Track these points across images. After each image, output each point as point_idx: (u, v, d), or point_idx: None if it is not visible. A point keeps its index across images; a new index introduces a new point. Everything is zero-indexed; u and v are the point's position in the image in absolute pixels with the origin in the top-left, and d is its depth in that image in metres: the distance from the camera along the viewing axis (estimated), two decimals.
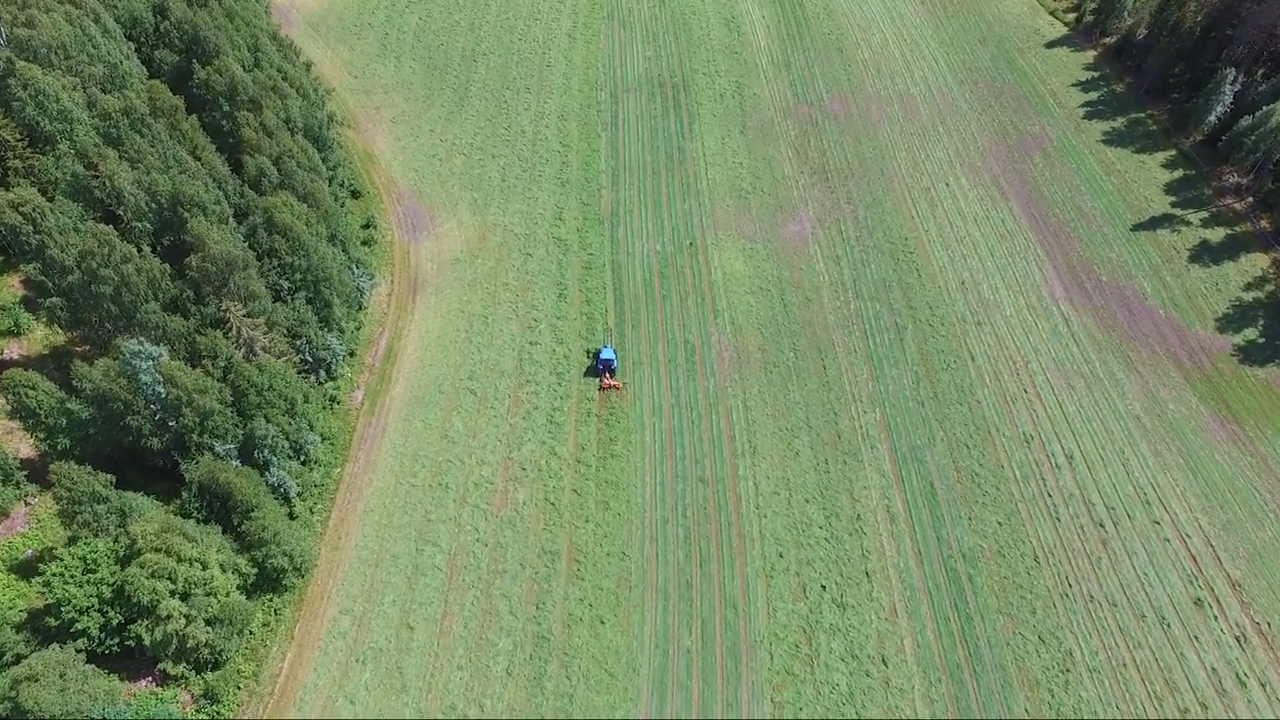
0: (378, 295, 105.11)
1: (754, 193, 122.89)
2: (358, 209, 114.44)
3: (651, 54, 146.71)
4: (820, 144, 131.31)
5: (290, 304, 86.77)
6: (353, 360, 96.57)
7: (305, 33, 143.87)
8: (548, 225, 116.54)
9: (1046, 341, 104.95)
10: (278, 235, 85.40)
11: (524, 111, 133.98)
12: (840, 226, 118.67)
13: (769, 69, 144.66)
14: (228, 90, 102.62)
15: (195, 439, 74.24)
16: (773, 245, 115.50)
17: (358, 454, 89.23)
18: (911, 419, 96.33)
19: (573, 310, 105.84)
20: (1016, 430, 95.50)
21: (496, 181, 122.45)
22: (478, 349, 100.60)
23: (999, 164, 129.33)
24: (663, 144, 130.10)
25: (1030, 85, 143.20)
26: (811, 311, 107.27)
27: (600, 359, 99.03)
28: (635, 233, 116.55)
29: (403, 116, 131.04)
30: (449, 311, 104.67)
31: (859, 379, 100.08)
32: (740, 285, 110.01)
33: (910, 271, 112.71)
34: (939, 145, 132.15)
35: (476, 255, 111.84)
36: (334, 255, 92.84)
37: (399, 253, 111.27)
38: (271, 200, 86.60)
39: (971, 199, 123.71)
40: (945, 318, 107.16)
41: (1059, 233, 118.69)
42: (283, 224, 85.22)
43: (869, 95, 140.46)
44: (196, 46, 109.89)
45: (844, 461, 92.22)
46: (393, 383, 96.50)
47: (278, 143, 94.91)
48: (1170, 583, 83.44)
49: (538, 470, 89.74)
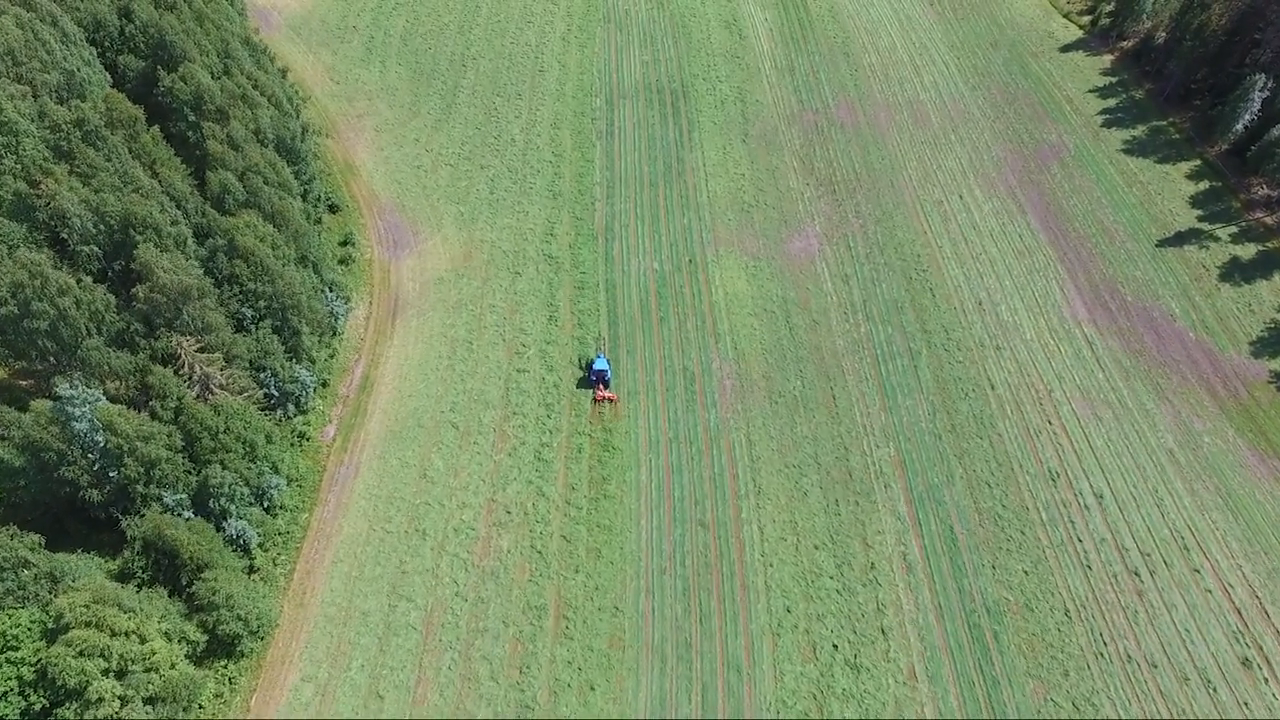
0: (354, 319, 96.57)
1: (757, 206, 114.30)
2: (336, 224, 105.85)
3: (649, 58, 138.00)
4: (827, 153, 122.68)
5: (254, 334, 78.25)
6: (325, 391, 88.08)
7: (286, 36, 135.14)
8: (538, 241, 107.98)
9: (1070, 368, 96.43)
10: (239, 260, 76.83)
11: (515, 119, 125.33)
12: (849, 242, 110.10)
13: (772, 74, 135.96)
14: (193, 99, 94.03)
15: (140, 490, 65.86)
16: (777, 263, 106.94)
17: (328, 497, 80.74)
18: (928, 455, 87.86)
19: (563, 334, 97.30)
20: (1041, 467, 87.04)
21: (484, 194, 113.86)
22: (461, 378, 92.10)
23: (1014, 174, 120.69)
24: (660, 154, 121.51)
25: (1045, 91, 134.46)
26: (819, 335, 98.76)
27: (593, 370, 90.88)
28: (631, 249, 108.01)
29: (386, 125, 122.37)
30: (431, 336, 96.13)
31: (871, 410, 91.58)
32: (743, 306, 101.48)
33: (924, 291, 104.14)
34: (951, 155, 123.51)
35: (462, 274, 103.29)
36: (304, 279, 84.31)
37: (379, 272, 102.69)
38: (233, 222, 78.02)
39: (986, 212, 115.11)
40: (962, 342, 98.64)
41: (1080, 248, 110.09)
42: (245, 248, 76.67)
43: (877, 102, 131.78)
44: (163, 52, 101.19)
45: (856, 503, 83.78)
46: (368, 416, 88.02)
47: (244, 156, 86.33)
48: (1214, 640, 75.03)
49: (524, 514, 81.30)
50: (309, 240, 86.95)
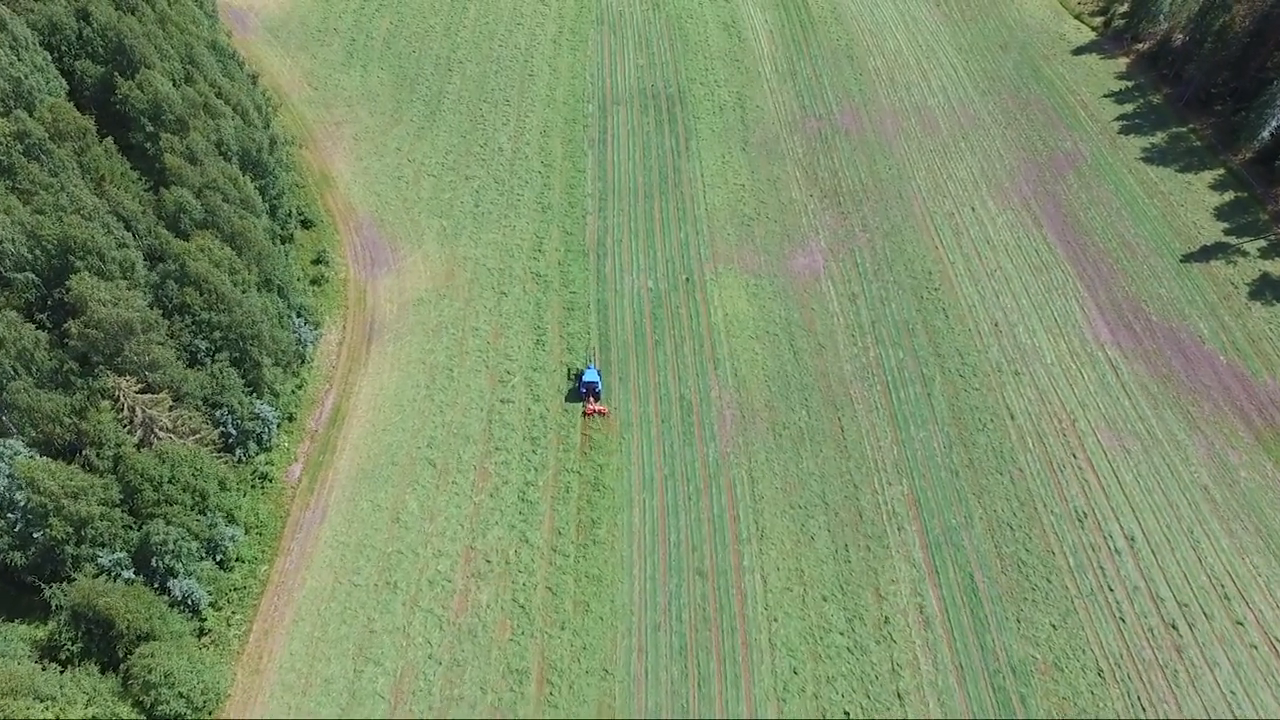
0: (326, 344, 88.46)
1: (758, 219, 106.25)
2: (309, 241, 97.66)
3: (644, 62, 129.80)
4: (831, 162, 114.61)
5: (208, 369, 70.19)
6: (291, 426, 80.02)
7: (263, 39, 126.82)
8: (525, 258, 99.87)
9: (1094, 394, 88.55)
10: (191, 288, 68.75)
11: (502, 127, 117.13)
12: (856, 258, 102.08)
13: (773, 78, 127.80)
14: (151, 108, 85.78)
15: (70, 551, 57.92)
16: (780, 281, 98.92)
17: (290, 545, 72.70)
18: (944, 493, 79.99)
19: (551, 359, 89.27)
20: (1067, 506, 79.19)
21: (469, 207, 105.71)
22: (440, 409, 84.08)
23: (1029, 184, 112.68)
24: (656, 163, 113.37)
25: (1058, 96, 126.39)
26: (825, 360, 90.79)
27: (583, 381, 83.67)
28: (624, 266, 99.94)
29: (366, 133, 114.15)
30: (408, 363, 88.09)
31: (882, 444, 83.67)
32: (744, 329, 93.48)
33: (936, 311, 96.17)
34: (962, 164, 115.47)
35: (443, 295, 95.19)
36: (268, 305, 76.22)
37: (354, 293, 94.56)
38: (183, 246, 69.85)
39: (1000, 225, 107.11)
40: (978, 367, 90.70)
41: (1100, 264, 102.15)
42: (197, 274, 68.53)
43: (883, 107, 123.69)
44: (121, 57, 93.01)
45: (867, 548, 75.90)
46: (338, 453, 79.96)
47: (203, 172, 78.20)
48: (1264, 703, 67.20)
49: (505, 563, 73.35)
50: (274, 262, 78.79)
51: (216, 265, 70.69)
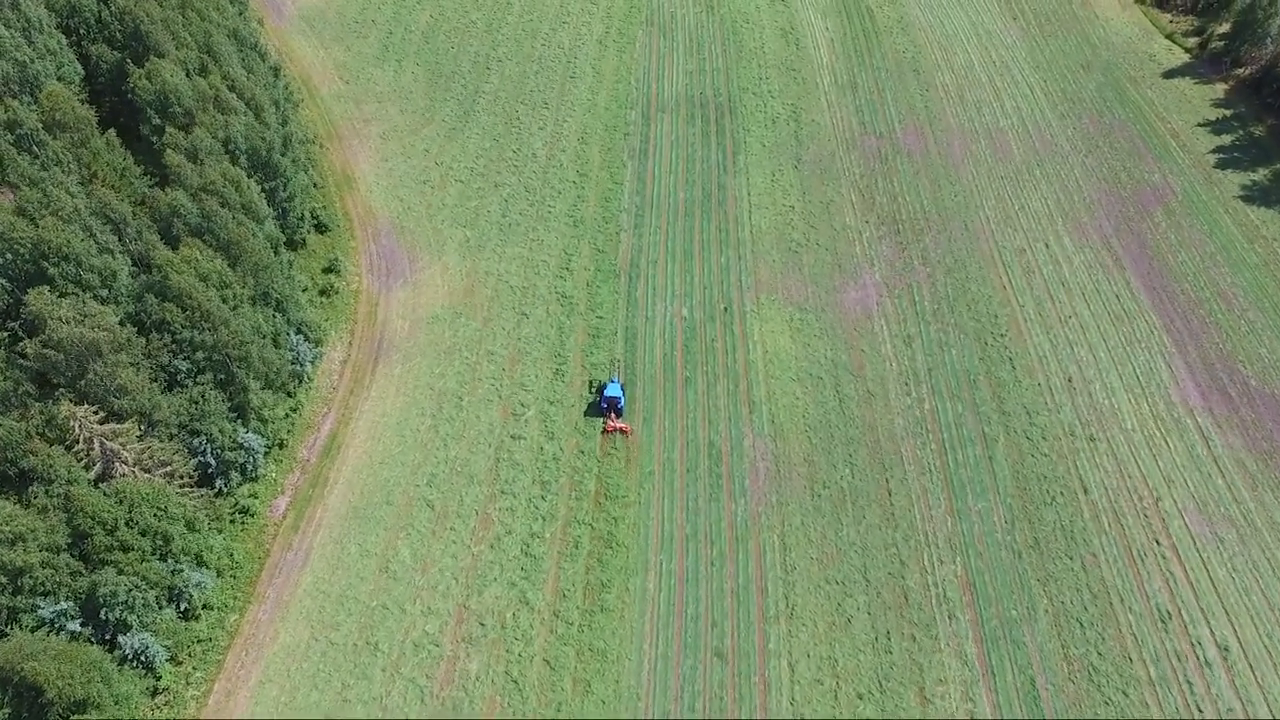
0: (329, 362, 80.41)
1: (807, 246, 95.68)
2: (322, 247, 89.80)
3: (694, 68, 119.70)
4: (890, 186, 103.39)
5: (188, 391, 62.41)
6: (282, 454, 72.04)
7: (297, 28, 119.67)
8: (551, 277, 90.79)
9: (1182, 469, 76.51)
10: (171, 304, 60.98)
11: (538, 131, 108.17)
12: (913, 295, 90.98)
13: (831, 90, 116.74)
14: (157, 100, 78.60)
15: (4, 602, 50.48)
16: (828, 316, 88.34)
17: (266, 591, 64.66)
18: (1004, 577, 68.97)
19: (570, 393, 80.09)
20: (1148, 603, 67.62)
21: (496, 217, 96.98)
22: (445, 442, 75.46)
23: (1110, 221, 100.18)
24: (700, 178, 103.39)
25: (1146, 123, 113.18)
26: (874, 411, 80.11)
27: (605, 396, 75.70)
28: (657, 291, 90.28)
29: (395, 132, 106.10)
30: (416, 388, 79.65)
31: (935, 513, 72.88)
32: (785, 369, 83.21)
33: (1001, 361, 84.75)
34: (1036, 194, 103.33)
35: (460, 313, 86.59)
36: (261, 322, 68.27)
37: (365, 306, 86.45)
38: (166, 257, 62.09)
39: (1077, 265, 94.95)
40: (1047, 429, 79.20)
41: (1190, 316, 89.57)
42: (179, 289, 60.70)
43: (950, 128, 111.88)
44: (137, 43, 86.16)
45: (913, 637, 65.35)
46: (330, 487, 71.77)
47: (202, 172, 70.54)
48: None
49: (501, 627, 64.39)
50: (273, 274, 70.80)
51: (203, 278, 62.83)
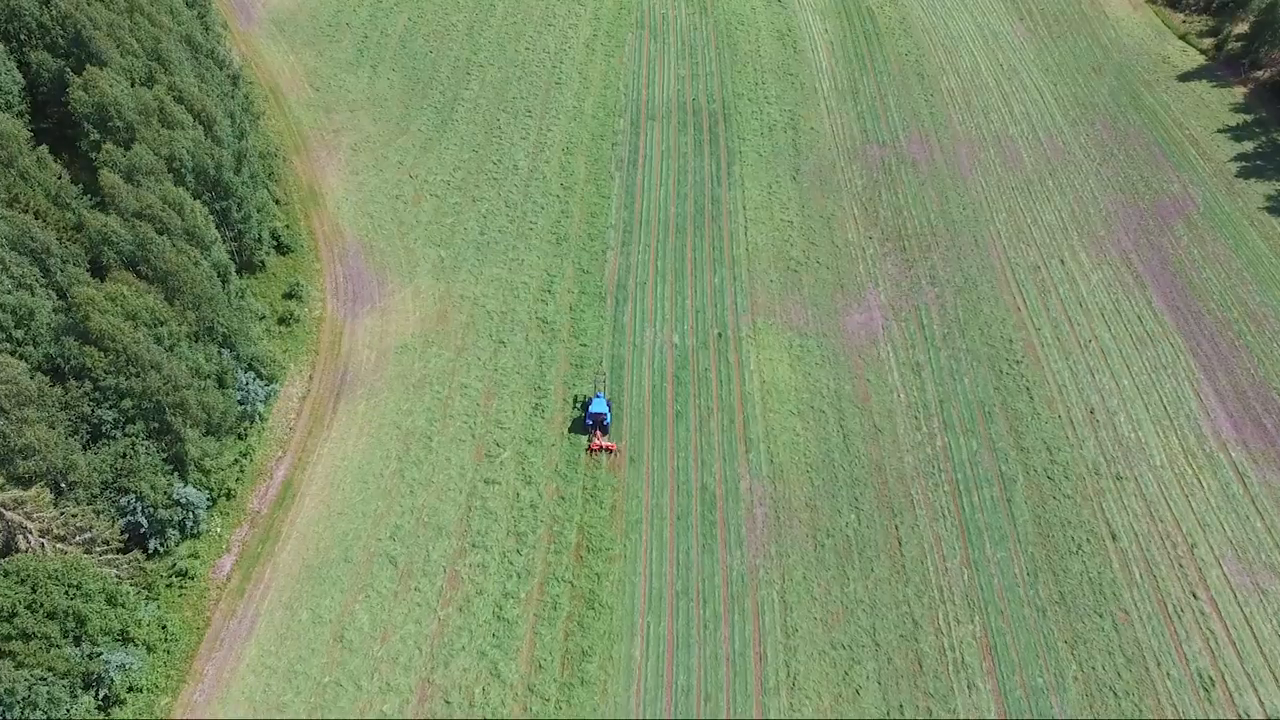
0: (287, 399, 72.74)
1: (807, 264, 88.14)
2: (283, 270, 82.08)
3: (686, 73, 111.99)
4: (895, 198, 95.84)
5: (114, 445, 54.80)
6: (230, 505, 64.40)
7: (267, 32, 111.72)
8: (532, 301, 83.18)
9: (1217, 511, 69.16)
10: (91, 347, 53.41)
11: (520, 141, 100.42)
12: (921, 318, 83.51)
13: (831, 96, 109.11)
14: (95, 113, 70.83)
15: None
16: (830, 342, 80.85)
17: (204, 668, 57.08)
18: (1027, 639, 61.60)
19: (551, 431, 72.51)
20: (1187, 668, 60.30)
21: (473, 235, 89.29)
22: (411, 489, 67.87)
23: (1129, 235, 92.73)
24: (692, 191, 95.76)
25: (1163, 129, 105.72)
26: (881, 448, 72.65)
27: (590, 412, 69.23)
28: (646, 315, 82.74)
29: (367, 142, 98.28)
30: (380, 427, 72.03)
31: (949, 565, 65.47)
32: (784, 401, 75.72)
33: (1018, 391, 77.32)
34: (1049, 206, 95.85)
35: (431, 341, 78.97)
36: (203, 361, 60.63)
37: (328, 335, 78.78)
38: (86, 294, 54.44)
39: (1095, 283, 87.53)
40: (1070, 467, 71.81)
41: (1218, 339, 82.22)
42: (100, 331, 53.14)
43: (956, 135, 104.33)
44: (79, 50, 78.41)
45: (928, 709, 57.96)
46: (282, 541, 64.17)
47: (139, 195, 62.78)
48: None
49: (469, 705, 56.86)
50: (217, 307, 63.10)
51: (131, 316, 55.20)
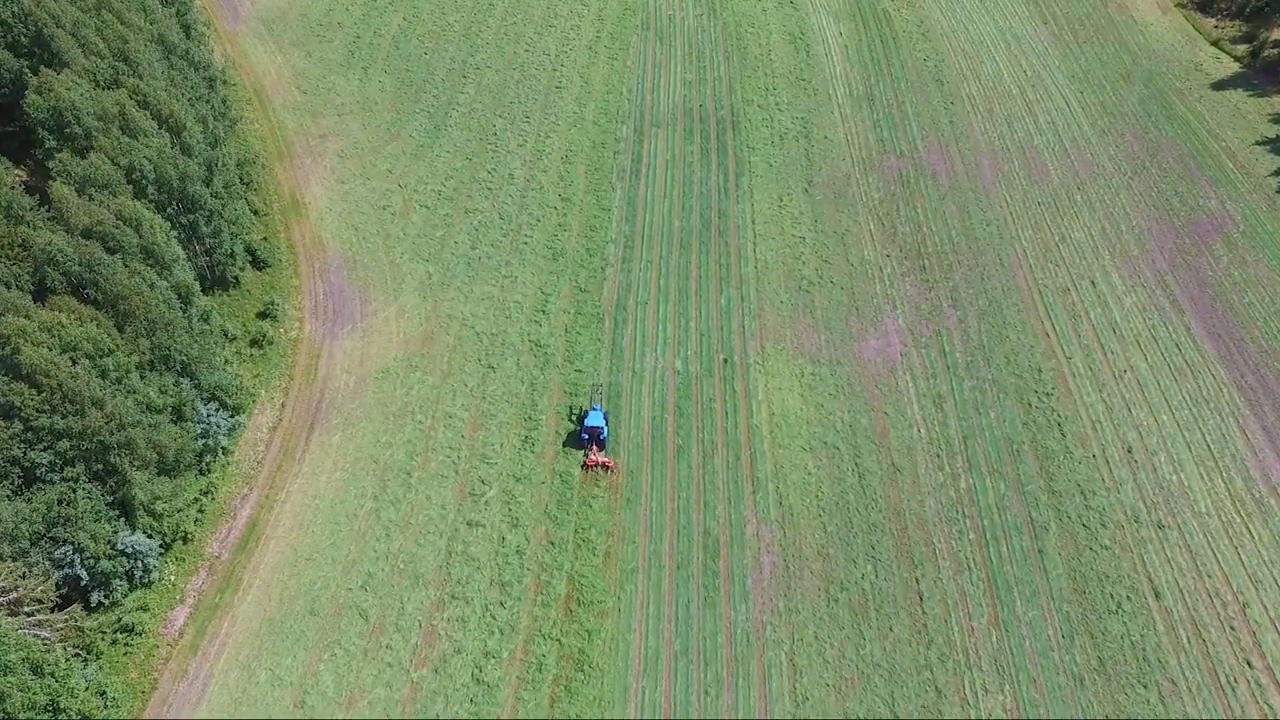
0: (256, 429, 66.53)
1: (819, 284, 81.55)
2: (258, 286, 75.92)
3: (693, 77, 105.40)
4: (913, 213, 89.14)
5: (47, 491, 48.75)
6: (187, 549, 58.21)
7: (254, 31, 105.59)
8: (524, 321, 76.84)
9: (1270, 565, 62.29)
10: (22, 384, 47.36)
11: (517, 149, 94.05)
12: (943, 344, 76.85)
13: (846, 103, 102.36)
14: (51, 118, 64.79)
15: None
16: (844, 370, 74.25)
17: None
18: (1063, 711, 54.87)
19: (541, 468, 66.12)
20: None
21: (464, 249, 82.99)
22: (386, 532, 61.60)
23: (1164, 255, 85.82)
24: (698, 204, 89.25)
25: (1198, 141, 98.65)
26: (900, 490, 66.06)
27: (585, 425, 63.82)
28: (647, 339, 76.32)
29: (355, 149, 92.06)
30: (356, 460, 65.77)
31: (975, 624, 58.86)
32: (795, 435, 69.19)
33: (1049, 427, 70.59)
34: (1077, 222, 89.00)
35: (415, 365, 72.70)
36: (155, 395, 54.50)
37: (305, 357, 72.58)
38: (16, 325, 48.41)
39: (1129, 307, 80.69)
40: (1106, 513, 65.08)
41: (1264, 370, 75.27)
42: (31, 366, 47.12)
43: (978, 145, 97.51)
44: (41, 49, 72.48)
45: None
46: (243, 590, 58.00)
47: (90, 211, 56.66)
48: None
49: None
50: (175, 334, 56.94)
51: (70, 348, 49.14)
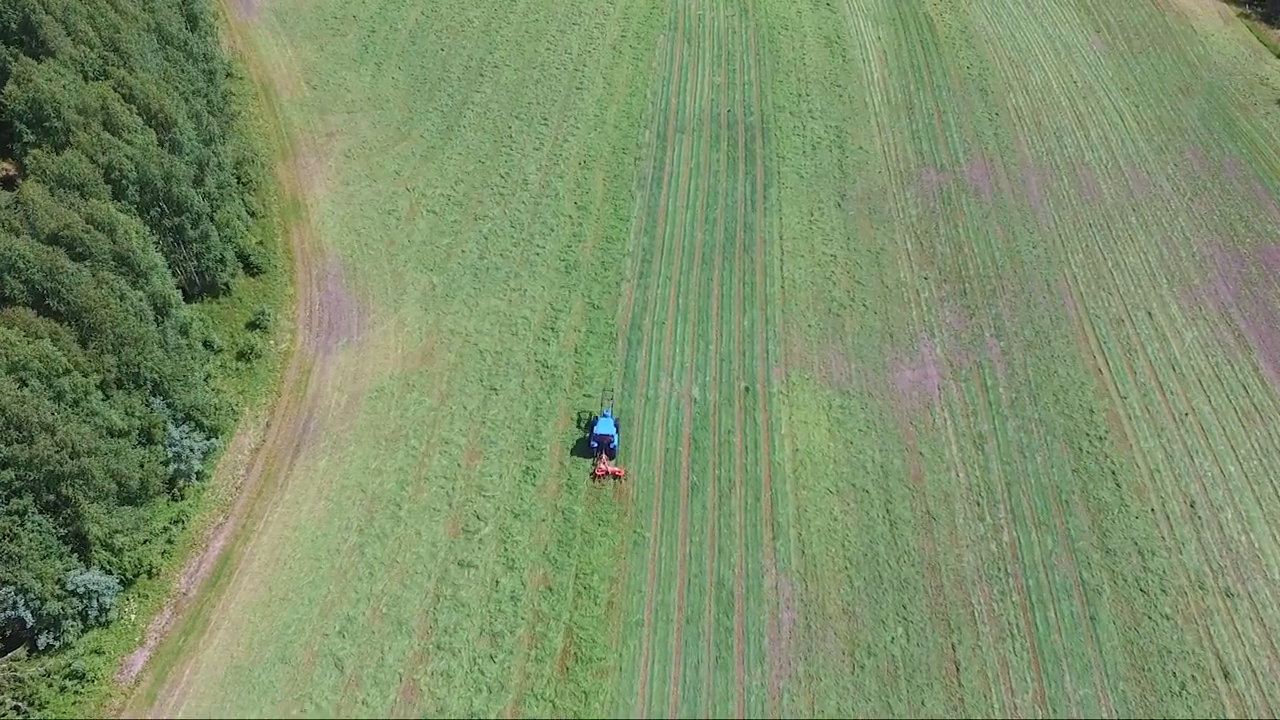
0: (237, 451, 61.14)
1: (851, 307, 74.81)
2: (249, 294, 70.61)
3: (722, 80, 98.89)
4: (954, 233, 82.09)
5: None
6: (152, 584, 52.87)
7: (266, 23, 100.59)
8: (532, 339, 70.87)
9: None
10: None
11: (533, 152, 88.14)
12: (984, 378, 69.85)
13: (883, 112, 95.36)
14: (30, 111, 59.82)
15: None
16: (876, 404, 67.51)
17: None
18: None
19: (542, 503, 60.12)
20: None
21: (471, 259, 77.22)
22: (370, 570, 55.93)
23: (1228, 284, 78.14)
24: (722, 216, 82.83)
25: (1264, 161, 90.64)
26: (936, 542, 59.27)
27: (595, 433, 58.77)
28: (662, 362, 70.04)
29: (362, 149, 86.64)
30: (343, 489, 60.18)
31: (1019, 701, 52.00)
32: (820, 475, 62.59)
33: (1102, 476, 63.39)
34: (1132, 247, 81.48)
35: (413, 385, 67.01)
36: (118, 419, 49.22)
37: (295, 373, 67.14)
38: None
39: (1190, 343, 73.19)
40: (1167, 576, 57.88)
41: None
42: None
43: (1025, 160, 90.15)
44: (29, 36, 67.68)
45: None
46: (210, 632, 52.58)
47: (54, 213, 51.50)
48: None
49: None
50: (145, 349, 51.65)
51: (17, 368, 43.92)
